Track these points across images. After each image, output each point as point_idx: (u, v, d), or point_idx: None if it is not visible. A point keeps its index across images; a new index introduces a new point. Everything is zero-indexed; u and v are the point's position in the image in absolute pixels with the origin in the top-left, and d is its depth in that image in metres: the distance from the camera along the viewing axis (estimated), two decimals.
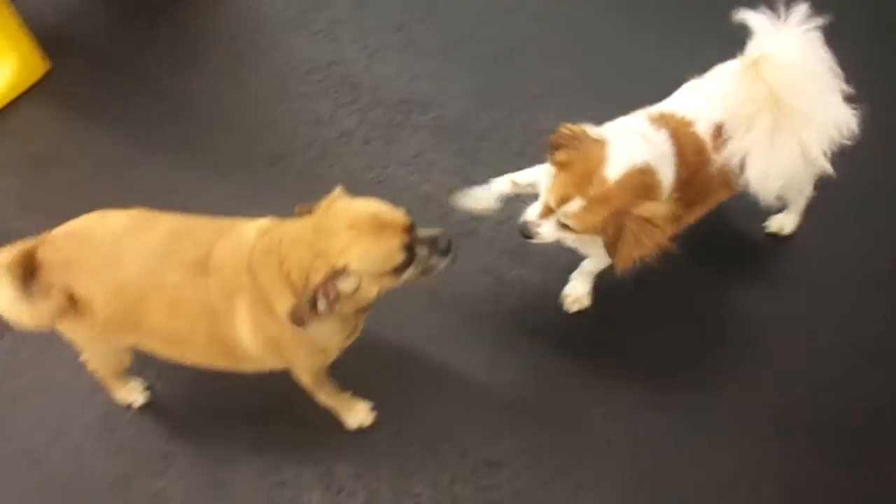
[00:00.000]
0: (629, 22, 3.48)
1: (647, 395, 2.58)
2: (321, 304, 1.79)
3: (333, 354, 2.14)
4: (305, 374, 2.22)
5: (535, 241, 2.19)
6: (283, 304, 1.86)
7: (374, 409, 2.48)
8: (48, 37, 3.44)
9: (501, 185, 2.52)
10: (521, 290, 2.80)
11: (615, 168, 1.97)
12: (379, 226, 1.80)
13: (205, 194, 3.04)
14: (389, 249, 1.81)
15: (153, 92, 3.38)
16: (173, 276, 1.91)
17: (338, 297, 1.80)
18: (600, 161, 1.98)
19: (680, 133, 2.17)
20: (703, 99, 2.27)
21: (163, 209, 2.12)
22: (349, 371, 2.54)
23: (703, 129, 2.19)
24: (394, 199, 2.97)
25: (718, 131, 2.17)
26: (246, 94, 3.39)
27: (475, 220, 2.86)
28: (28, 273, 1.90)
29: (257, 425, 2.50)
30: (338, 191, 1.93)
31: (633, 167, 1.99)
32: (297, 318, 1.80)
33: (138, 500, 2.39)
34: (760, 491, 2.39)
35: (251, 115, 3.32)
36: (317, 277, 1.75)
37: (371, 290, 1.86)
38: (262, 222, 2.02)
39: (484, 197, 2.54)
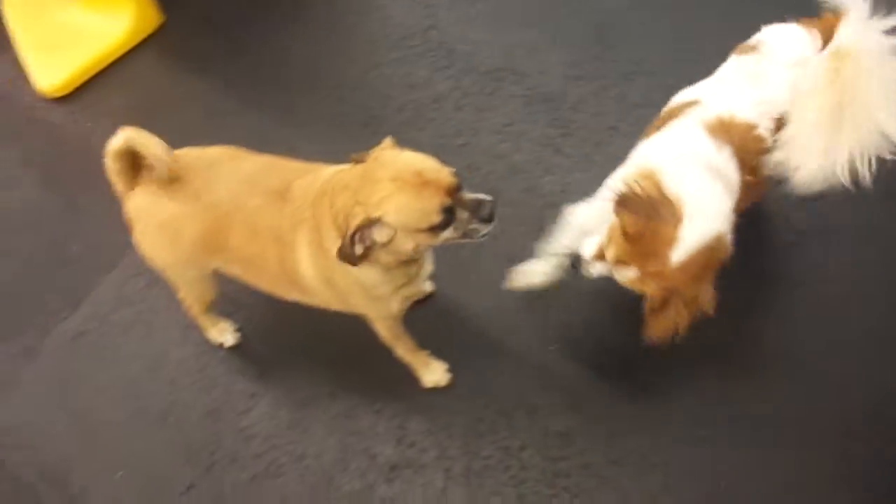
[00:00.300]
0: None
1: (721, 386, 2.54)
2: (357, 249, 1.80)
3: (392, 306, 2.15)
4: (378, 323, 2.29)
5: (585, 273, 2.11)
6: (330, 242, 1.92)
7: (449, 370, 2.54)
8: None
9: (557, 251, 2.39)
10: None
11: (682, 252, 1.83)
12: (421, 183, 1.77)
13: (299, 150, 3.08)
14: (427, 208, 1.78)
15: (258, 48, 3.51)
16: (255, 201, 2.02)
17: (373, 245, 1.82)
18: (669, 242, 1.82)
19: (745, 145, 1.99)
20: (765, 90, 2.04)
21: None
22: (430, 329, 2.62)
23: (765, 129, 2.02)
24: (481, 167, 3.05)
25: (779, 125, 1.99)
26: (343, 56, 3.47)
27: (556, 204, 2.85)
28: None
29: (339, 373, 2.61)
30: (387, 141, 1.94)
31: (701, 246, 1.84)
32: (342, 257, 1.82)
33: (225, 435, 2.54)
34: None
35: (348, 75, 3.40)
36: (353, 223, 1.78)
37: (406, 244, 1.85)
38: (339, 167, 2.07)
39: (541, 271, 2.43)
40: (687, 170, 1.93)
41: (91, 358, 2.71)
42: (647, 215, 1.83)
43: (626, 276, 1.93)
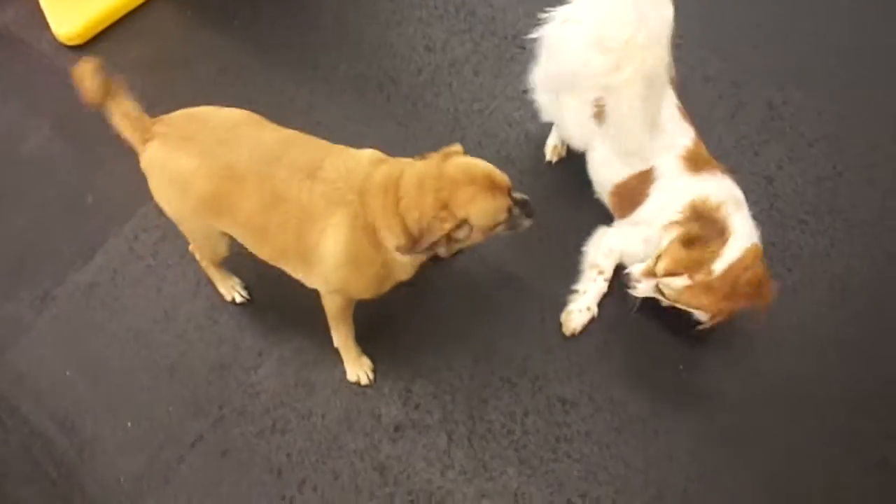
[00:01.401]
0: None
1: (725, 356, 2.56)
2: (442, 250, 2.03)
3: (386, 289, 2.26)
4: (339, 299, 2.32)
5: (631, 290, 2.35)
6: (389, 234, 2.02)
7: (374, 370, 2.56)
8: None
9: (598, 288, 2.61)
10: None
11: (723, 264, 2.18)
12: (493, 185, 2.00)
13: (316, 110, 3.13)
14: (499, 208, 2.02)
15: (279, 5, 3.46)
16: (281, 173, 2.03)
17: (450, 241, 2.01)
18: (714, 257, 2.18)
19: None
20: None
21: (275, 119, 2.21)
22: (438, 296, 2.64)
23: None
24: (496, 134, 3.03)
25: None
26: (364, 14, 3.42)
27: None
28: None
29: None
30: (457, 146, 2.10)
31: (739, 260, 2.19)
32: (406, 250, 2.00)
33: (231, 391, 2.58)
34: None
35: (367, 35, 3.35)
36: (445, 226, 1.95)
37: (476, 238, 2.07)
38: (373, 152, 2.14)
39: (583, 310, 2.60)
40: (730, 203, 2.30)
41: (103, 309, 2.74)
42: (703, 228, 2.20)
43: (676, 285, 2.20)
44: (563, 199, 2.85)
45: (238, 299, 2.70)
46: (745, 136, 2.97)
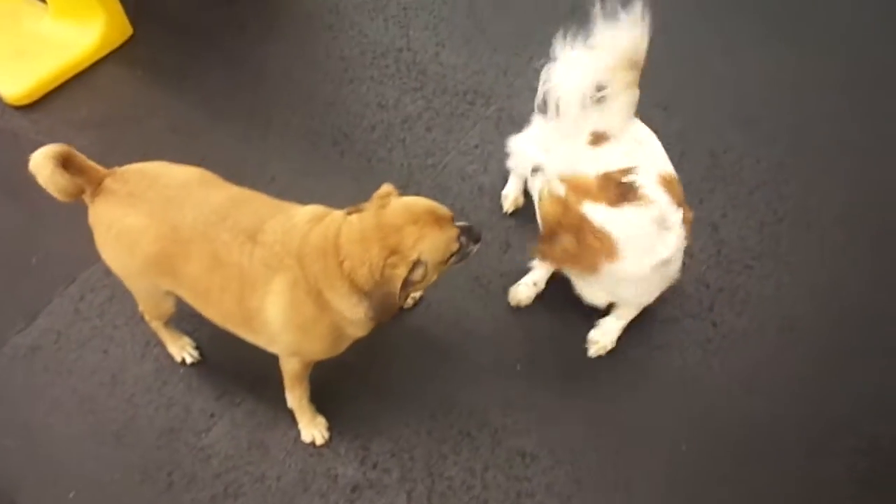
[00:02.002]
0: None
1: (681, 404, 2.58)
2: (401, 297, 1.95)
3: (343, 348, 2.21)
4: (296, 362, 2.28)
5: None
6: (335, 295, 1.97)
7: (329, 429, 2.51)
8: (134, 3, 3.57)
9: (537, 274, 2.73)
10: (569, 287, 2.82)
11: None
12: (437, 218, 1.97)
13: (269, 166, 3.13)
14: (449, 239, 1.99)
15: (229, 63, 3.49)
16: (224, 236, 2.00)
17: (410, 285, 1.95)
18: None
19: None
20: None
21: (229, 177, 2.20)
22: (394, 349, 2.61)
23: None
24: (450, 187, 3.07)
25: None
26: (316, 73, 3.47)
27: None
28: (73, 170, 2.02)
29: None
30: (386, 187, 2.05)
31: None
32: (380, 313, 1.97)
33: (182, 455, 2.48)
34: None
35: (320, 92, 3.40)
36: (399, 272, 1.90)
37: (431, 278, 2.02)
38: (312, 209, 2.11)
39: (532, 283, 2.73)
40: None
41: (46, 373, 2.63)
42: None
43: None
44: (518, 249, 2.88)
45: (189, 359, 2.62)
46: (690, 184, 3.03)
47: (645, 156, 2.37)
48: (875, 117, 3.32)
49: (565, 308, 2.76)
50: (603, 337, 2.64)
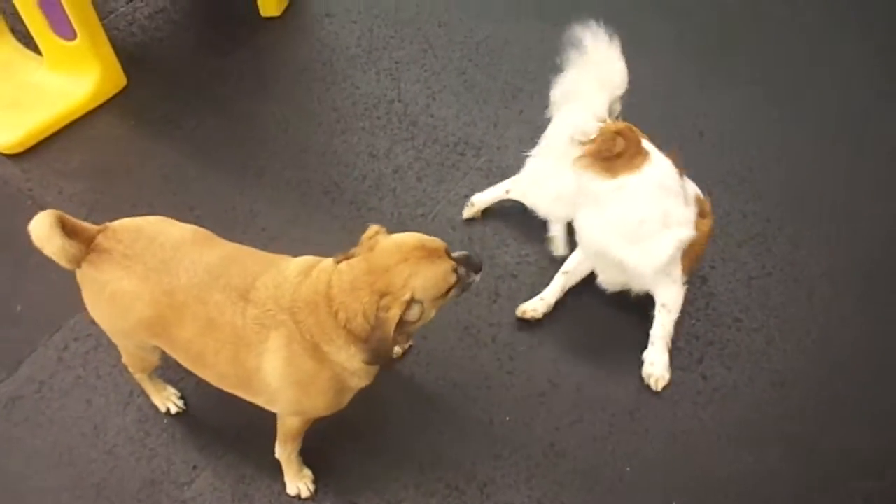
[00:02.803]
0: None
1: (669, 454, 2.55)
2: (399, 339, 1.92)
3: (346, 401, 2.16)
4: (297, 421, 2.23)
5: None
6: (333, 347, 1.93)
7: (314, 481, 2.46)
8: (129, 54, 3.65)
9: (557, 283, 2.86)
10: (559, 338, 2.82)
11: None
12: (429, 253, 1.91)
13: (260, 216, 3.14)
14: (444, 272, 1.92)
15: (222, 113, 3.53)
16: (216, 296, 1.97)
17: (406, 326, 1.91)
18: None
19: None
20: None
21: (221, 227, 2.20)
22: (381, 400, 2.58)
23: None
24: (441, 237, 3.02)
25: None
26: (309, 123, 3.52)
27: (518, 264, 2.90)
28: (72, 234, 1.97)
29: None
30: (373, 228, 2.02)
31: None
32: (376, 358, 1.91)
33: None
34: None
35: (312, 143, 3.44)
36: (392, 314, 1.84)
37: (429, 314, 1.96)
38: (303, 261, 2.08)
39: (538, 299, 2.86)
40: None
41: (26, 423, 2.57)
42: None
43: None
44: (507, 299, 2.89)
45: (174, 410, 2.58)
46: None
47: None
48: (861, 176, 3.38)
49: (556, 361, 2.76)
50: (653, 368, 2.66)
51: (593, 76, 2.58)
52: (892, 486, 2.49)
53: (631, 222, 2.51)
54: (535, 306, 2.82)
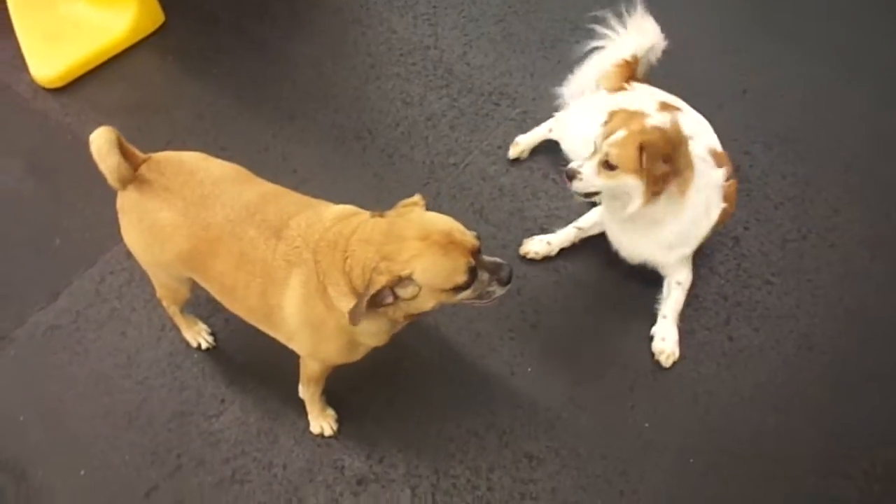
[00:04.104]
0: None
1: (691, 414, 2.55)
2: (396, 313, 1.90)
3: (361, 354, 2.17)
4: (317, 365, 2.26)
5: (577, 185, 2.44)
6: (336, 292, 1.92)
7: (338, 421, 2.51)
8: None
9: (566, 233, 2.85)
10: (585, 293, 2.81)
11: (654, 120, 2.38)
12: (449, 243, 1.82)
13: (292, 158, 3.15)
14: (453, 268, 1.83)
15: (258, 55, 3.52)
16: (251, 232, 2.00)
17: (396, 300, 1.86)
18: (647, 116, 2.41)
19: None
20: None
21: (253, 167, 2.21)
22: (406, 348, 2.61)
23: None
24: (471, 187, 3.07)
25: None
26: (343, 67, 3.49)
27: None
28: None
29: None
30: (417, 197, 1.97)
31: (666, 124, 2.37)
32: (354, 317, 1.84)
33: (191, 439, 2.51)
34: None
35: (346, 87, 3.41)
36: (380, 280, 1.79)
37: (427, 302, 1.89)
38: (341, 208, 2.08)
39: (544, 241, 2.87)
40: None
41: (63, 351, 2.67)
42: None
43: (617, 138, 2.33)
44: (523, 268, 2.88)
45: (204, 345, 2.65)
46: None
47: (702, 130, 2.67)
48: None
49: (580, 316, 2.76)
50: (664, 343, 2.64)
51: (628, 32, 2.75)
52: None
53: (682, 235, 2.54)
54: (537, 248, 2.84)
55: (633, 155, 2.29)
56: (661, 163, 2.29)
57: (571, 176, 2.43)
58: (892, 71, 3.53)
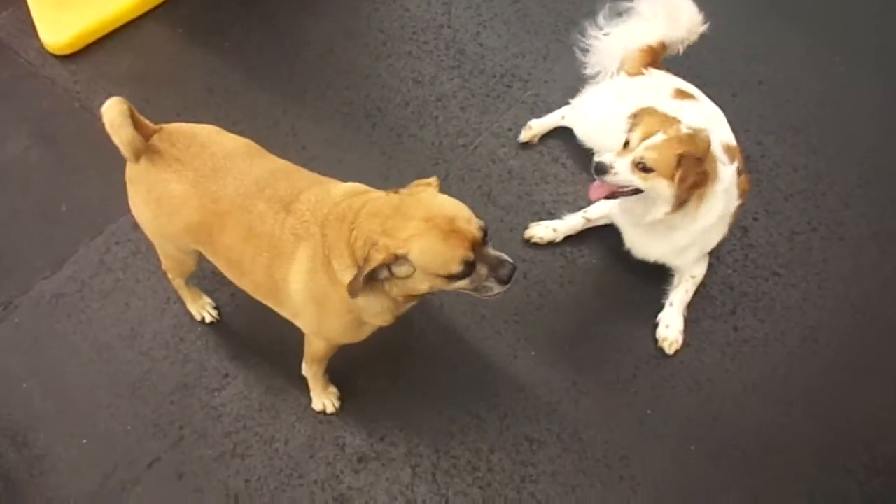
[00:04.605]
0: None
1: (694, 403, 2.55)
2: (392, 290, 1.89)
3: (365, 334, 2.16)
4: (322, 344, 2.25)
5: (608, 178, 2.36)
6: (340, 265, 1.91)
7: (340, 399, 2.51)
8: None
9: (573, 221, 2.83)
10: (591, 279, 2.80)
11: (688, 122, 2.35)
12: (451, 230, 1.79)
13: (301, 134, 3.13)
14: (450, 256, 1.80)
15: (269, 28, 3.49)
16: (260, 206, 1.99)
17: (391, 277, 1.85)
18: (679, 120, 2.36)
19: None
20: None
21: (262, 142, 2.19)
22: (410, 329, 2.61)
23: None
24: (480, 169, 3.05)
25: None
26: (355, 45, 3.45)
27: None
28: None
29: None
30: (432, 179, 1.95)
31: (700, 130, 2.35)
32: (353, 290, 1.83)
33: (193, 411, 2.51)
34: None
35: (357, 64, 3.38)
36: (377, 257, 1.78)
37: (421, 284, 1.87)
38: (351, 185, 2.07)
39: (549, 228, 2.85)
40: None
41: (68, 320, 2.67)
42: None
43: (654, 142, 2.29)
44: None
45: (208, 319, 2.65)
46: None
47: (716, 121, 2.65)
48: None
49: (585, 301, 2.76)
50: (668, 331, 2.64)
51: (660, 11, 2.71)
52: None
53: (698, 240, 2.54)
54: (542, 234, 2.83)
55: (671, 162, 2.26)
56: (696, 173, 2.26)
57: (602, 170, 2.35)
58: None
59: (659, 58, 2.85)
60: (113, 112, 1.92)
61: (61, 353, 2.61)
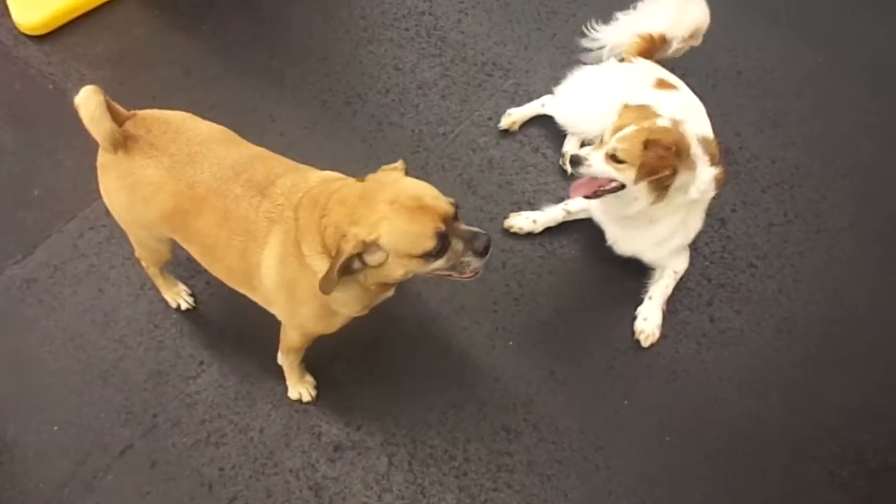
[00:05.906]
0: None
1: (669, 393, 2.57)
2: (366, 280, 1.88)
3: (338, 324, 2.15)
4: (296, 334, 2.23)
5: (583, 170, 2.40)
6: (310, 251, 1.89)
7: (316, 388, 2.50)
8: None
9: (553, 213, 2.82)
10: (570, 270, 2.81)
11: (664, 116, 2.38)
12: (418, 207, 1.77)
13: (280, 120, 3.10)
14: (420, 233, 1.77)
15: (249, 13, 3.44)
16: (236, 190, 1.96)
17: (364, 267, 1.83)
18: (656, 114, 2.40)
19: None
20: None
21: (239, 128, 2.16)
22: (387, 318, 2.60)
23: None
24: (460, 158, 3.03)
25: None
26: (335, 30, 3.42)
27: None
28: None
29: None
30: (399, 163, 1.94)
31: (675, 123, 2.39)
32: (325, 286, 1.82)
33: (168, 399, 2.48)
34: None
35: (337, 51, 3.35)
36: (347, 247, 1.76)
37: (396, 270, 1.84)
38: (327, 174, 2.05)
39: (529, 219, 2.84)
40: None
41: (39, 306, 2.63)
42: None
43: (626, 133, 2.32)
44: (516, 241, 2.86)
45: (184, 306, 2.62)
46: None
47: (694, 113, 2.64)
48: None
49: (564, 292, 2.76)
50: (645, 324, 2.65)
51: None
52: (883, 440, 2.51)
53: (677, 233, 2.58)
54: (521, 224, 2.83)
55: (639, 150, 2.27)
56: (664, 161, 2.27)
57: (577, 162, 2.39)
58: (884, 61, 3.52)
59: (654, 50, 2.84)
60: (91, 105, 1.87)
61: (32, 340, 2.57)
